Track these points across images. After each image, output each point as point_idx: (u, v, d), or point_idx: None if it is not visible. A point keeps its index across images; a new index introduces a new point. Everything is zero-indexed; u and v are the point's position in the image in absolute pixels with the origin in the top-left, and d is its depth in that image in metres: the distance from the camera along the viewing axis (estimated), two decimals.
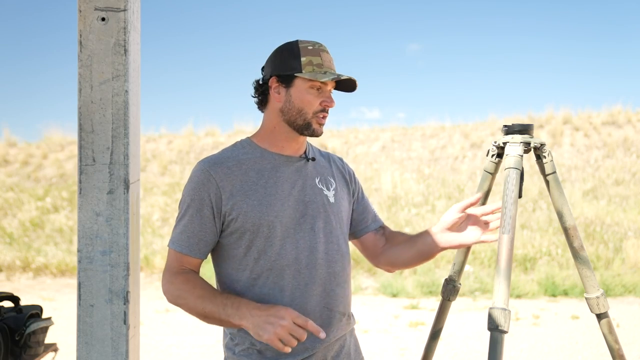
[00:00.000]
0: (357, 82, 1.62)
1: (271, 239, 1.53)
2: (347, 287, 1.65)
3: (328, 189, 1.65)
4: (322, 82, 1.56)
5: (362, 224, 1.76)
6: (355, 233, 1.76)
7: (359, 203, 1.76)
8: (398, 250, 1.74)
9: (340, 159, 1.80)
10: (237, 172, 1.56)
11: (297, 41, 1.60)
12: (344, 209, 1.67)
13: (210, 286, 1.54)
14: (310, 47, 1.57)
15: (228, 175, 1.55)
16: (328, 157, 1.75)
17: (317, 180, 1.63)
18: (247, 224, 1.53)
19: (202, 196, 1.54)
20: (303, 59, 1.56)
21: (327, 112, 1.59)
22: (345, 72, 1.63)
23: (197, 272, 1.60)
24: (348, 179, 1.74)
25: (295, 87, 1.56)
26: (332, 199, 1.64)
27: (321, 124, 1.59)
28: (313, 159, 1.66)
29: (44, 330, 1.89)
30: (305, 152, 1.67)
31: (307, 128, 1.58)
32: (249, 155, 1.60)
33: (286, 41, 1.63)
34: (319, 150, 1.77)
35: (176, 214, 1.68)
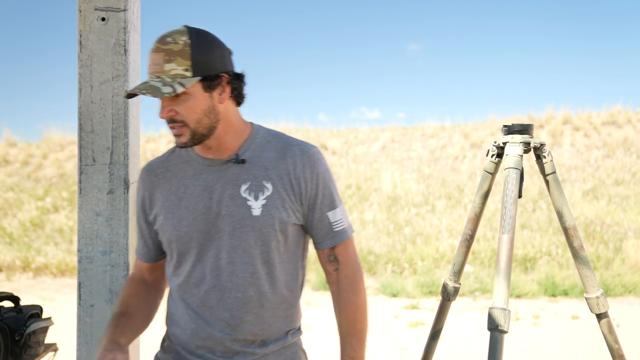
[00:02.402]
0: (163, 90, 1.28)
1: (184, 255, 1.41)
2: (266, 312, 1.41)
3: (256, 198, 1.38)
4: None
5: (315, 239, 1.47)
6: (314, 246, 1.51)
7: (313, 214, 1.44)
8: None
9: (307, 156, 1.43)
10: (162, 181, 1.45)
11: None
12: (278, 221, 1.38)
13: (127, 301, 1.48)
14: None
15: (154, 184, 1.46)
16: (283, 154, 1.42)
17: (243, 188, 1.38)
18: (164, 238, 1.44)
19: (138, 202, 1.51)
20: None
21: (177, 123, 1.33)
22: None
23: (148, 276, 1.54)
24: (299, 183, 1.41)
25: None
26: (257, 212, 1.37)
27: (175, 136, 1.35)
28: (243, 161, 1.40)
29: (44, 330, 1.89)
30: (237, 153, 1.41)
31: None
32: (178, 160, 1.46)
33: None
34: (279, 141, 1.45)
35: None
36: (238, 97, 1.41)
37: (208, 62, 1.33)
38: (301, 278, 1.50)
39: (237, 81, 1.39)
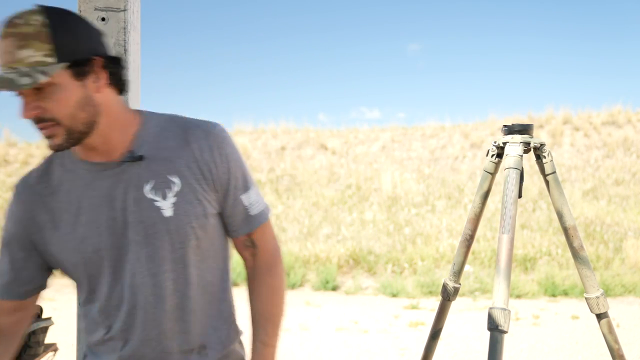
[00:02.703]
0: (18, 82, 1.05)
1: (97, 277, 1.23)
2: (197, 317, 1.27)
3: (164, 197, 1.20)
4: None
5: (230, 227, 1.32)
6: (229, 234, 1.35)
7: (226, 199, 1.27)
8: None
9: (212, 137, 1.25)
10: (47, 199, 1.23)
11: None
12: (194, 217, 1.22)
13: None
14: None
15: (35, 204, 1.23)
16: (185, 140, 1.23)
17: (147, 188, 1.20)
18: (66, 264, 1.24)
19: (8, 227, 1.26)
20: None
21: (46, 121, 1.11)
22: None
23: (6, 318, 1.29)
24: (209, 169, 1.23)
25: None
26: (168, 212, 1.20)
27: (47, 137, 1.14)
28: (140, 158, 1.20)
29: (44, 330, 1.89)
30: (131, 150, 1.21)
31: None
32: (60, 171, 1.24)
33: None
34: (177, 126, 1.25)
35: None
36: (118, 84, 1.20)
37: (74, 44, 1.11)
38: (229, 269, 1.36)
39: (113, 65, 1.18)
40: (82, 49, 1.12)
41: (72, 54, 1.10)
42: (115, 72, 1.18)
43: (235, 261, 1.40)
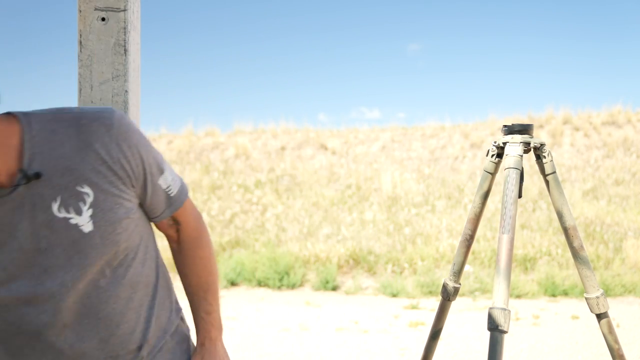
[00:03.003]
0: None
1: (16, 323, 1.07)
2: (141, 312, 1.19)
3: (79, 212, 1.05)
4: None
5: (153, 214, 1.22)
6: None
7: (145, 189, 1.16)
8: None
9: (115, 130, 1.09)
10: None
11: None
12: (118, 224, 1.10)
13: None
14: None
15: None
16: (84, 140, 1.05)
17: (55, 207, 1.03)
18: None
19: None
20: None
21: None
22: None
23: None
24: (122, 167, 1.09)
25: None
26: (87, 227, 1.05)
27: None
28: (38, 176, 1.01)
29: None
30: (22, 169, 1.01)
31: None
32: None
33: None
34: (68, 126, 1.06)
35: None
36: None
37: None
38: (158, 251, 1.28)
39: None
40: None
41: None
42: None
43: (236, 261, 1.39)
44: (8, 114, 1.05)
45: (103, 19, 1.70)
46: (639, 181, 11.15)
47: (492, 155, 1.98)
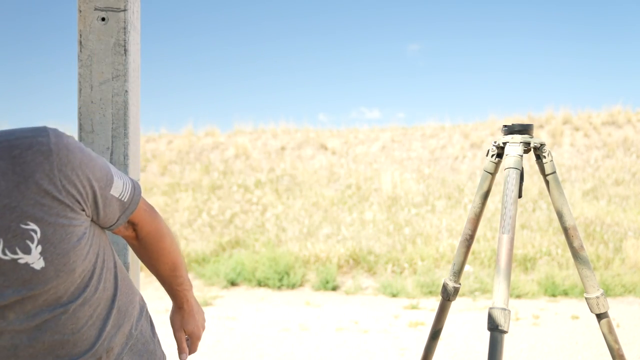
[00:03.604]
0: None
1: None
2: (103, 325, 1.16)
3: (26, 251, 0.97)
4: None
5: (108, 223, 1.17)
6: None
7: (96, 205, 1.09)
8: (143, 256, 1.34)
9: (55, 156, 0.99)
10: None
11: None
12: (73, 253, 1.04)
13: None
14: None
15: None
16: (21, 173, 0.96)
17: None
18: None
19: None
20: None
21: None
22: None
23: None
24: (69, 193, 1.01)
25: None
26: (39, 264, 0.99)
27: None
28: None
29: None
30: None
31: None
32: None
33: None
34: (0, 161, 0.96)
35: (176, 214, 1.58)
36: None
37: None
38: (114, 257, 1.25)
39: None
40: None
41: None
42: None
43: (236, 261, 1.40)
44: None
45: (103, 19, 1.70)
46: (639, 181, 11.15)
47: (492, 155, 1.98)
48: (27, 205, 0.96)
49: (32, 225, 0.96)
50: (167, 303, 5.17)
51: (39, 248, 0.98)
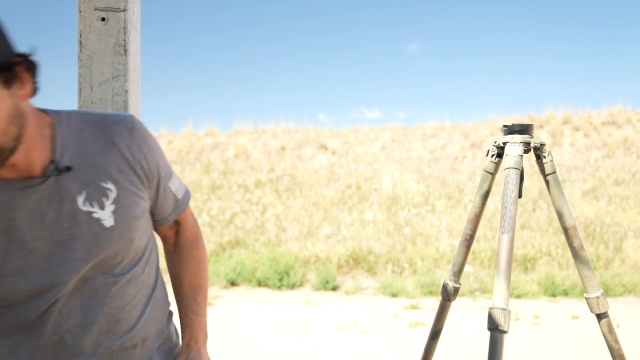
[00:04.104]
0: None
1: (23, 314, 1.07)
2: (141, 312, 1.22)
3: (102, 207, 1.09)
4: None
5: (160, 216, 1.27)
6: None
7: (157, 191, 1.22)
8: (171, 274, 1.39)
9: (136, 133, 1.16)
10: None
11: None
12: (135, 221, 1.15)
13: None
14: None
15: None
16: (110, 140, 1.12)
17: (81, 200, 1.07)
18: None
19: None
20: None
21: None
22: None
23: None
24: (142, 167, 1.16)
25: None
26: (109, 222, 1.10)
27: None
28: (69, 169, 1.06)
29: None
30: (54, 160, 1.06)
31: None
32: None
33: None
34: (94, 126, 1.12)
35: None
36: (35, 88, 1.03)
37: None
38: (157, 253, 1.32)
39: (32, 67, 1.02)
40: (4, 51, 0.95)
41: None
42: (35, 74, 1.02)
43: (236, 261, 1.40)
44: (40, 108, 1.09)
45: (103, 19, 1.70)
46: (639, 181, 11.15)
47: (492, 155, 1.98)
48: (110, 167, 1.11)
49: (110, 185, 1.11)
50: None
51: (112, 207, 1.11)
